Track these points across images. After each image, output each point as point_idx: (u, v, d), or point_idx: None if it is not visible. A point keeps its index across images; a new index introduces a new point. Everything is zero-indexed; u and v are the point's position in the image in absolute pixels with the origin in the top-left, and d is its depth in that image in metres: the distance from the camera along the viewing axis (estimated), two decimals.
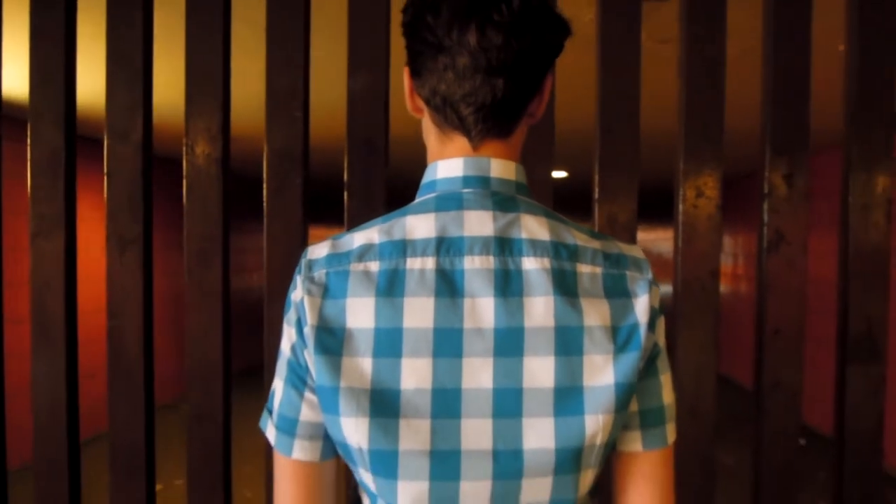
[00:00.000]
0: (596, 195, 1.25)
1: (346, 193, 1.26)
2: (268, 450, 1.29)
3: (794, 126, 1.21)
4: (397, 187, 1.30)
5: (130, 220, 1.31)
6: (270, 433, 0.73)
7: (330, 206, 2.37)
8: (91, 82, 1.66)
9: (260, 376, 1.32)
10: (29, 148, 1.32)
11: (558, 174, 5.75)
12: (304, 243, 1.29)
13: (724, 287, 6.93)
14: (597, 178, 1.24)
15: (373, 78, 1.24)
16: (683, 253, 1.24)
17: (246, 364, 2.64)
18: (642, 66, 1.23)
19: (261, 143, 1.30)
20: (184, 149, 1.29)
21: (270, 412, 0.74)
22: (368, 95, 1.24)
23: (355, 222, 1.26)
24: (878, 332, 1.23)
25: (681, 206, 1.24)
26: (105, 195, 1.32)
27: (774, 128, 1.22)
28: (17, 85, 1.74)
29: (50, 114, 1.32)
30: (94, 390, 2.54)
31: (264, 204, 1.28)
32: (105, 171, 1.31)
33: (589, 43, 1.26)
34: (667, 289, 1.10)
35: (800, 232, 1.22)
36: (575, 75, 1.23)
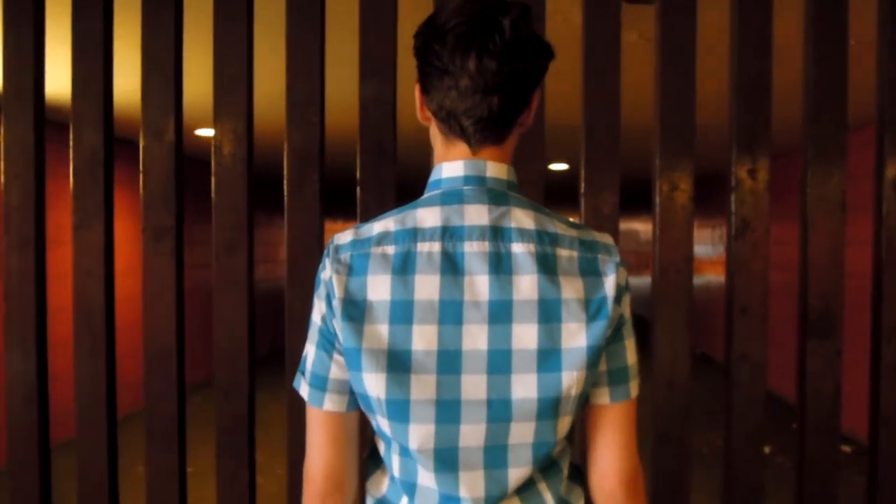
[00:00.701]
0: (582, 189, 1.39)
1: (358, 189, 1.41)
2: (291, 414, 1.44)
3: (756, 126, 1.36)
4: (404, 183, 1.44)
5: (164, 213, 1.46)
6: (304, 390, 0.88)
7: (344, 201, 2.52)
8: (124, 87, 1.80)
9: (283, 357, 1.47)
10: (72, 150, 1.47)
11: (560, 167, 5.91)
12: (321, 234, 1.43)
13: (708, 273, 7.13)
14: (583, 173, 1.39)
15: (382, 86, 1.38)
16: (660, 240, 1.39)
17: (269, 348, 2.77)
18: (635, 65, 1.37)
19: (281, 143, 1.44)
20: (212, 149, 1.44)
21: (303, 373, 0.89)
22: (378, 102, 1.38)
23: (367, 215, 1.41)
24: (835, 311, 1.38)
25: (657, 199, 1.39)
26: (141, 190, 1.46)
27: (740, 127, 1.37)
28: (61, 92, 1.88)
29: (90, 118, 1.46)
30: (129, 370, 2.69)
31: (285, 199, 1.42)
32: (141, 168, 1.46)
33: None
34: (646, 279, 1.24)
35: (762, 220, 1.36)
36: (577, 73, 1.36)
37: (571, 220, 0.91)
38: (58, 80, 1.68)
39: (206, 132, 4.27)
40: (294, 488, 1.44)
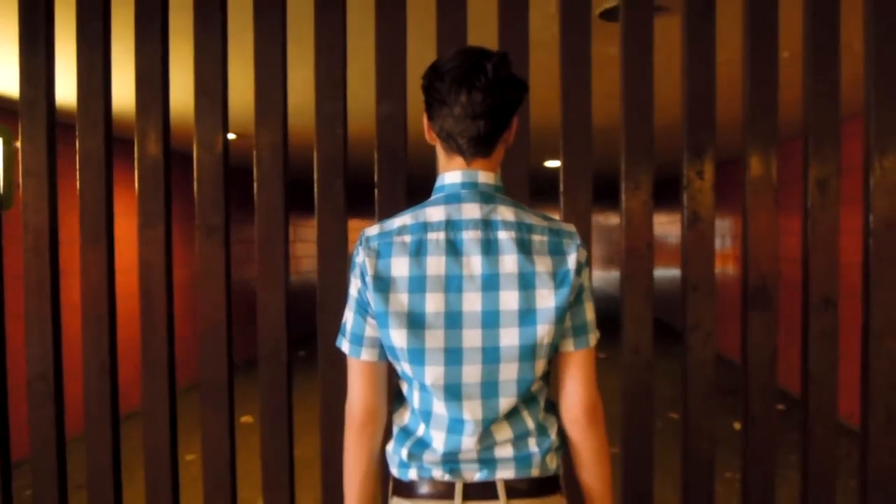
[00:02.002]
0: (561, 189, 1.69)
1: (376, 191, 1.70)
2: (324, 387, 1.73)
3: (703, 135, 1.65)
4: (413, 186, 1.73)
5: (214, 213, 1.76)
6: (345, 346, 1.18)
7: (363, 200, 2.82)
8: (178, 107, 2.07)
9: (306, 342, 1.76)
10: (136, 161, 1.76)
11: (555, 163, 6.24)
12: (346, 230, 1.73)
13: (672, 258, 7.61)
14: (561, 176, 1.68)
15: (395, 106, 1.68)
16: (626, 230, 1.68)
17: (304, 333, 3.05)
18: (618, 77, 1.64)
19: (311, 152, 1.74)
20: (254, 159, 1.74)
21: (344, 334, 1.19)
22: (392, 120, 1.68)
23: (383, 212, 1.70)
24: (771, 286, 1.67)
25: (623, 196, 1.68)
26: (196, 194, 1.76)
27: (689, 136, 1.66)
28: (121, 112, 2.15)
29: (151, 134, 1.76)
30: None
31: (316, 200, 1.72)
32: (195, 176, 1.75)
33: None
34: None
35: (709, 213, 1.66)
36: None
37: (544, 213, 1.20)
38: (119, 103, 1.97)
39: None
40: (327, 451, 1.73)
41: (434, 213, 1.15)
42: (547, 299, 1.12)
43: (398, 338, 1.12)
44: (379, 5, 1.69)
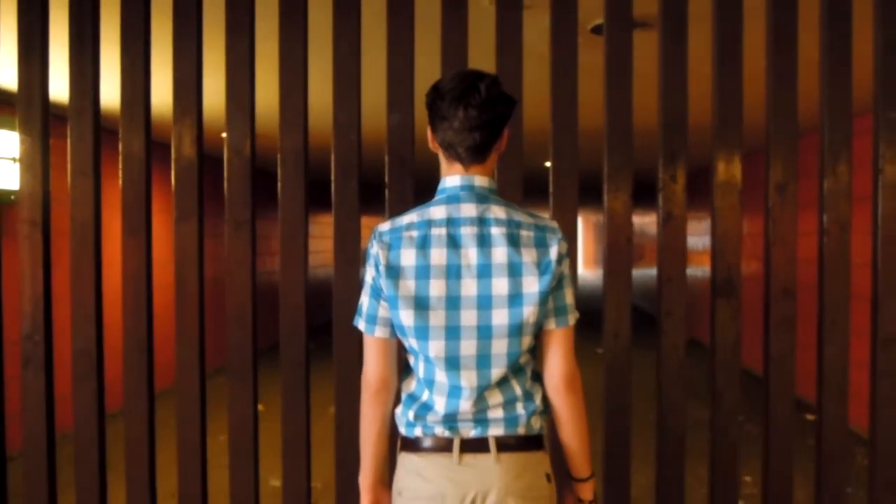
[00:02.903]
0: (551, 189, 1.90)
1: (387, 191, 1.92)
2: (339, 368, 1.94)
3: (676, 142, 1.86)
4: (418, 186, 1.94)
5: (242, 209, 1.97)
6: (362, 325, 1.39)
7: (375, 199, 3.03)
8: (209, 114, 2.28)
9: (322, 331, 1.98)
10: (173, 162, 1.98)
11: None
12: (359, 226, 1.94)
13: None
14: (551, 178, 1.89)
15: (403, 116, 1.89)
16: (608, 226, 1.89)
17: (325, 319, 3.21)
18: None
19: (328, 155, 1.95)
20: (279, 163, 1.95)
21: (361, 314, 1.40)
22: (400, 128, 1.89)
23: (392, 209, 1.91)
24: (735, 276, 1.88)
25: (606, 197, 1.89)
26: (226, 192, 1.97)
27: (664, 142, 1.87)
28: (157, 117, 2.35)
29: (187, 139, 1.97)
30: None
31: (333, 199, 1.93)
32: (226, 176, 1.97)
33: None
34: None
35: (681, 212, 1.87)
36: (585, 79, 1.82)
37: (531, 211, 1.41)
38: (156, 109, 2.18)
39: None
40: (341, 425, 1.95)
41: (437, 211, 1.36)
42: (532, 285, 1.33)
43: (406, 317, 1.34)
44: (390, 28, 1.90)
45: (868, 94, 1.94)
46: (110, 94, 2.19)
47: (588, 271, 17.83)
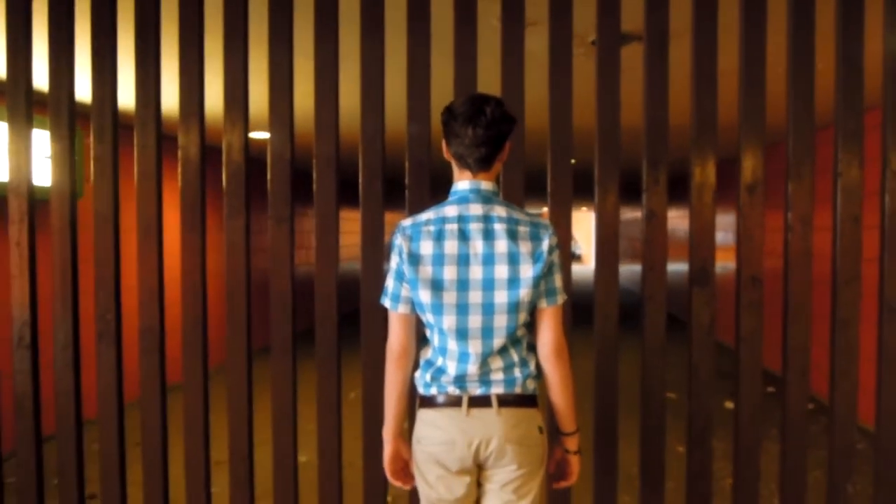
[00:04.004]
0: (549, 189, 2.19)
1: (407, 191, 2.22)
2: (365, 348, 2.26)
3: (658, 149, 2.14)
4: (435, 187, 2.25)
5: (283, 207, 2.29)
6: (387, 303, 1.71)
7: (396, 198, 3.35)
8: (256, 124, 2.60)
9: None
10: (224, 165, 2.30)
11: None
12: (383, 221, 2.25)
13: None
14: (549, 180, 2.18)
15: (422, 127, 2.19)
16: (598, 223, 2.18)
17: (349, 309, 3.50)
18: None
19: (356, 160, 2.25)
20: (314, 166, 2.26)
21: (387, 294, 1.71)
22: (419, 137, 2.19)
23: (412, 207, 2.21)
24: (709, 267, 2.16)
25: (596, 196, 2.18)
26: (269, 191, 2.29)
27: (648, 149, 2.15)
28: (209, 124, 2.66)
29: (236, 145, 2.29)
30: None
31: (360, 198, 2.24)
32: (269, 177, 2.29)
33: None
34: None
35: (662, 210, 2.15)
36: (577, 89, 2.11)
37: (528, 211, 1.71)
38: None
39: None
40: (368, 395, 2.26)
41: (450, 210, 1.67)
42: (527, 271, 1.63)
43: (424, 296, 1.64)
44: (410, 53, 2.21)
45: (829, 105, 2.20)
46: (166, 104, 2.52)
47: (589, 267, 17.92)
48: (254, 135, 5.11)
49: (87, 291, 2.50)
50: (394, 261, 1.71)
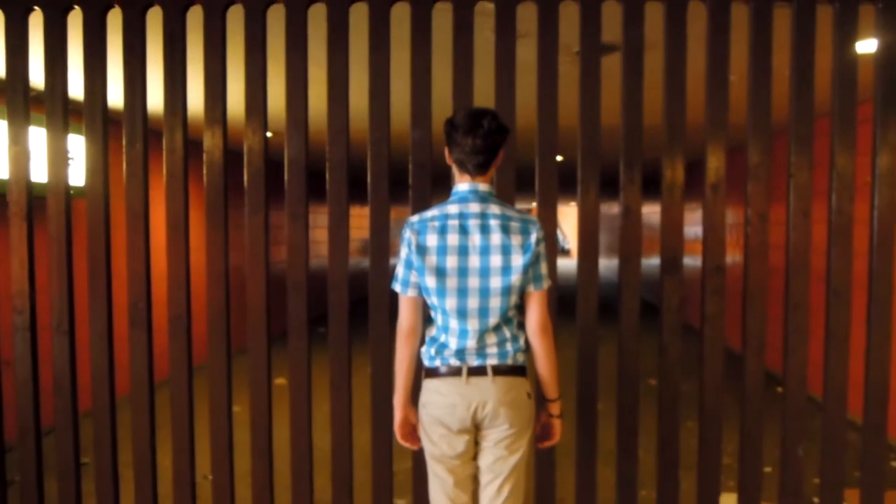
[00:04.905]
0: (536, 188, 2.46)
1: (410, 191, 2.49)
2: (373, 337, 2.52)
3: (634, 151, 2.42)
4: (436, 187, 2.52)
5: (298, 204, 2.55)
6: (398, 288, 1.98)
7: (401, 196, 3.62)
8: (274, 128, 2.85)
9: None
10: (245, 166, 2.56)
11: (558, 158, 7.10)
12: (388, 216, 2.52)
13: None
14: (536, 181, 2.46)
15: (423, 132, 2.46)
16: (580, 218, 2.47)
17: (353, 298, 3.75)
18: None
19: (365, 161, 2.52)
20: (327, 167, 2.53)
21: (397, 280, 1.99)
22: (421, 142, 2.46)
23: (415, 205, 2.48)
24: (678, 257, 2.45)
25: (579, 194, 2.46)
26: (286, 190, 2.55)
27: (624, 152, 2.43)
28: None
29: (257, 149, 2.55)
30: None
31: (369, 196, 2.51)
32: (286, 178, 2.55)
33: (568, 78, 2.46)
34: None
35: (637, 206, 2.43)
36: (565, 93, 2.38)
37: (518, 208, 1.99)
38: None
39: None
40: (377, 381, 2.53)
41: (452, 208, 1.94)
42: (518, 260, 1.91)
43: (430, 281, 1.92)
44: (413, 67, 2.47)
45: (785, 113, 2.49)
46: (191, 110, 2.77)
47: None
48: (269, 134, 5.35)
49: (119, 282, 2.75)
50: (403, 251, 1.98)
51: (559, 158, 2.47)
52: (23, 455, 2.67)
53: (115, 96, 2.68)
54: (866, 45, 2.60)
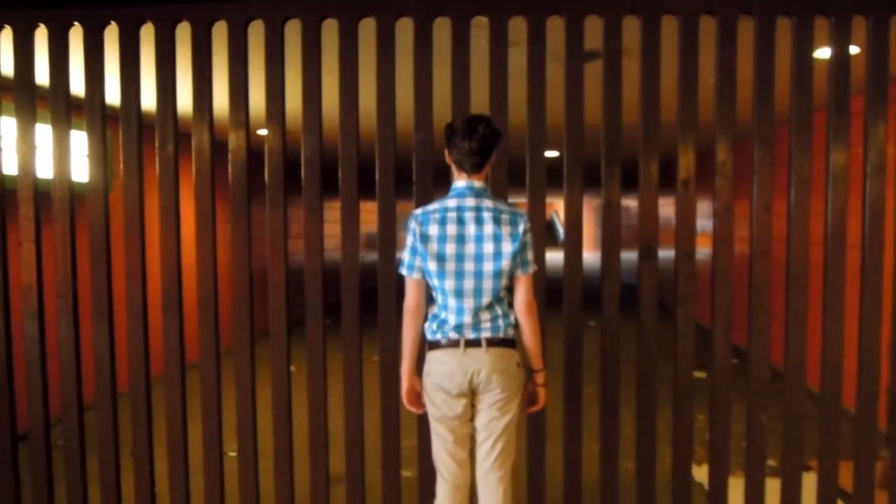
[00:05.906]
0: (527, 182, 2.75)
1: (414, 186, 2.79)
2: (382, 321, 2.82)
3: (614, 150, 2.71)
4: (437, 182, 2.81)
5: (314, 199, 2.85)
6: (404, 271, 2.29)
7: (406, 191, 3.92)
8: (291, 131, 3.15)
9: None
10: (266, 166, 2.85)
11: (551, 153, 7.32)
12: (394, 209, 2.81)
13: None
14: (527, 178, 2.75)
15: (426, 134, 2.75)
16: (566, 211, 2.76)
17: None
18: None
19: (372, 160, 2.81)
20: (339, 164, 2.82)
21: (404, 264, 2.29)
22: (424, 142, 2.76)
23: (419, 199, 2.76)
24: (654, 245, 2.74)
25: (565, 189, 2.75)
26: (303, 185, 2.84)
27: (606, 151, 2.72)
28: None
29: (276, 151, 2.84)
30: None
31: (377, 191, 2.80)
32: (303, 175, 2.84)
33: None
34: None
35: (617, 199, 2.73)
36: (557, 94, 2.67)
37: (509, 202, 2.29)
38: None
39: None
40: (385, 364, 2.83)
41: (451, 202, 2.24)
42: (508, 248, 2.21)
43: (431, 266, 2.22)
44: (416, 74, 2.76)
45: (749, 115, 2.78)
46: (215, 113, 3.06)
47: (588, 254, 18.07)
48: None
49: (153, 272, 3.05)
50: (409, 240, 2.27)
51: (554, 154, 2.74)
52: (66, 427, 2.98)
53: (149, 102, 2.98)
54: (822, 52, 2.88)
